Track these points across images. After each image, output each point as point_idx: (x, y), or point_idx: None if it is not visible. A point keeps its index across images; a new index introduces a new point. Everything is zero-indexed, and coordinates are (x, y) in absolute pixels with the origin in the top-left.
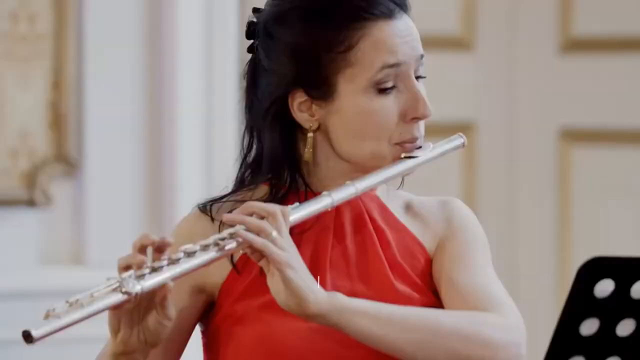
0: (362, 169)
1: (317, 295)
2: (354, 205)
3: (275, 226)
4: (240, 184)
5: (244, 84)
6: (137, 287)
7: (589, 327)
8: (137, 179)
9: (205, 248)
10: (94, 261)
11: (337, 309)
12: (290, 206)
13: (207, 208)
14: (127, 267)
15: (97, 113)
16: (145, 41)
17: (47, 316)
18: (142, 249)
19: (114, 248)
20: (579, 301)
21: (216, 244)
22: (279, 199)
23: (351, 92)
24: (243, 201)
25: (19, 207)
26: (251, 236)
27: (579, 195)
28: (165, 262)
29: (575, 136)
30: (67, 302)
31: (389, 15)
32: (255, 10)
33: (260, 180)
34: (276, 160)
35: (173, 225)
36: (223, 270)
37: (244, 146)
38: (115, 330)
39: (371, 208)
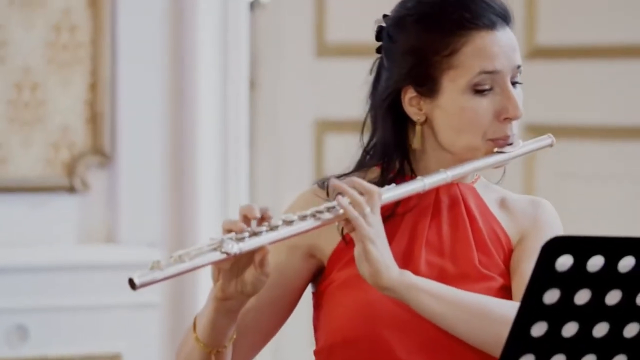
0: (461, 159)
1: (390, 270)
2: (452, 193)
3: (370, 204)
4: (360, 165)
5: (371, 78)
6: (235, 248)
7: (551, 296)
8: (162, 168)
9: (303, 218)
10: (125, 240)
11: (405, 285)
12: (387, 186)
13: (324, 184)
14: (229, 231)
15: (128, 111)
16: (169, 49)
17: (152, 267)
18: (245, 219)
19: (142, 228)
20: (543, 274)
21: (313, 215)
22: (388, 182)
23: (452, 91)
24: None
25: (60, 193)
26: (347, 205)
27: (543, 182)
28: (264, 228)
29: (538, 130)
30: (171, 256)
31: (490, 26)
32: (385, 16)
33: (375, 163)
34: (388, 147)
35: (193, 208)
36: (333, 240)
37: (363, 133)
38: (215, 279)
39: (467, 196)
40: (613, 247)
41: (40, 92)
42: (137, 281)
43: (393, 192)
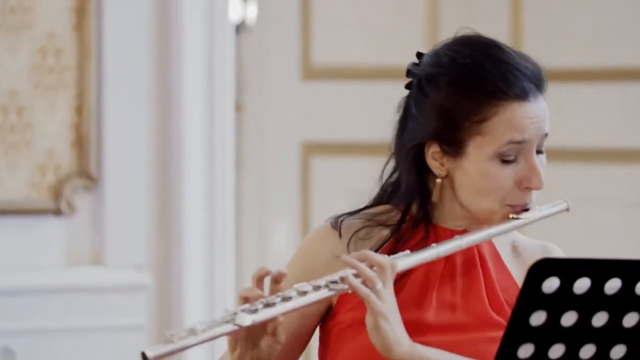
0: (475, 217)
1: (401, 346)
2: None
3: (382, 278)
4: (377, 202)
5: (398, 116)
6: (249, 320)
7: (537, 318)
8: (148, 191)
9: (316, 288)
10: (111, 263)
11: (413, 358)
12: (401, 253)
13: (337, 224)
14: (245, 298)
15: (114, 134)
16: (155, 72)
17: (165, 340)
18: (260, 280)
19: (129, 251)
20: (529, 296)
21: (327, 286)
22: (404, 226)
23: (478, 156)
24: (371, 220)
25: (47, 215)
26: (356, 284)
27: None
28: (278, 299)
29: None
30: (184, 329)
31: (523, 97)
32: (419, 55)
33: (389, 202)
34: (409, 194)
35: (180, 231)
36: None
37: (384, 170)
38: (232, 348)
39: (483, 250)
40: (599, 269)
41: (27, 116)
42: (149, 354)
43: (408, 261)
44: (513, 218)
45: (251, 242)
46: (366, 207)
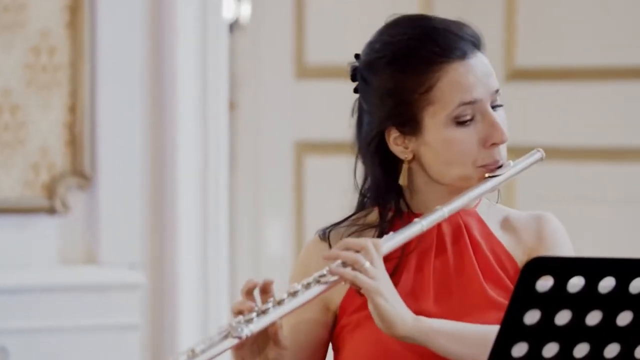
0: (454, 189)
1: (404, 320)
2: (455, 222)
3: (368, 258)
4: (359, 208)
5: (354, 121)
6: (246, 330)
7: (531, 317)
8: (142, 190)
9: (307, 286)
10: (105, 261)
11: (420, 331)
12: (385, 236)
13: (325, 235)
14: (239, 312)
15: (108, 133)
16: (149, 70)
17: None
18: (249, 293)
19: (123, 249)
20: (523, 295)
21: (317, 281)
22: (388, 222)
23: (435, 126)
24: (356, 225)
25: (40, 214)
26: (342, 270)
27: (523, 205)
28: (270, 305)
29: (516, 152)
30: (184, 352)
31: (462, 56)
32: (357, 56)
33: (373, 205)
34: (380, 188)
35: (173, 229)
36: (343, 288)
37: (356, 176)
38: None
39: (469, 222)
40: (593, 268)
41: (20, 114)
42: None
43: (393, 241)
44: (489, 177)
45: (245, 241)
46: (350, 216)
